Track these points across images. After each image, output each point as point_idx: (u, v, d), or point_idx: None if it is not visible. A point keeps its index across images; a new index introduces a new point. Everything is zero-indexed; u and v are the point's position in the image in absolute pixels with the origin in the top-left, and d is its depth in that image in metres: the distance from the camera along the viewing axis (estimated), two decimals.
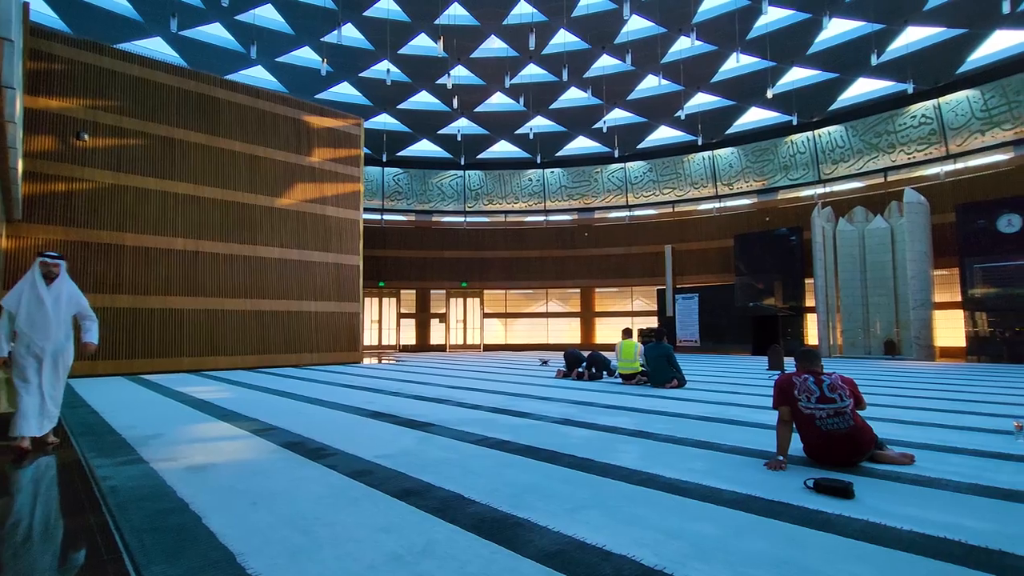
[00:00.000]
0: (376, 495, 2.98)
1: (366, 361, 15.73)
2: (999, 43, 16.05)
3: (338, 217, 14.87)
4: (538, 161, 23.23)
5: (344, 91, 20.91)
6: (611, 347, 12.01)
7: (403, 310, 23.79)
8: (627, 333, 9.63)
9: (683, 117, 20.36)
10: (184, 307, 11.98)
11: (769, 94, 17.15)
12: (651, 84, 20.02)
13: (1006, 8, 12.53)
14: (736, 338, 19.55)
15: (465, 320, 24.19)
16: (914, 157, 18.10)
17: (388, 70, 15.15)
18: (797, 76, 18.58)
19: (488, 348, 23.78)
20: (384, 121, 22.27)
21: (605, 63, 19.34)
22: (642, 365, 8.88)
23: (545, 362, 13.84)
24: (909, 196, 16.33)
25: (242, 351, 12.79)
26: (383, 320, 23.47)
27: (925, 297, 15.96)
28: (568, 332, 23.74)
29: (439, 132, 22.80)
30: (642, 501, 2.90)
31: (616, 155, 21.89)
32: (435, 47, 16.09)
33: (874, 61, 15.73)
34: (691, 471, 3.49)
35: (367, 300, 22.40)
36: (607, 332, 23.33)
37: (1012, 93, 15.90)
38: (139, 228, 11.48)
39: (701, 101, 20.38)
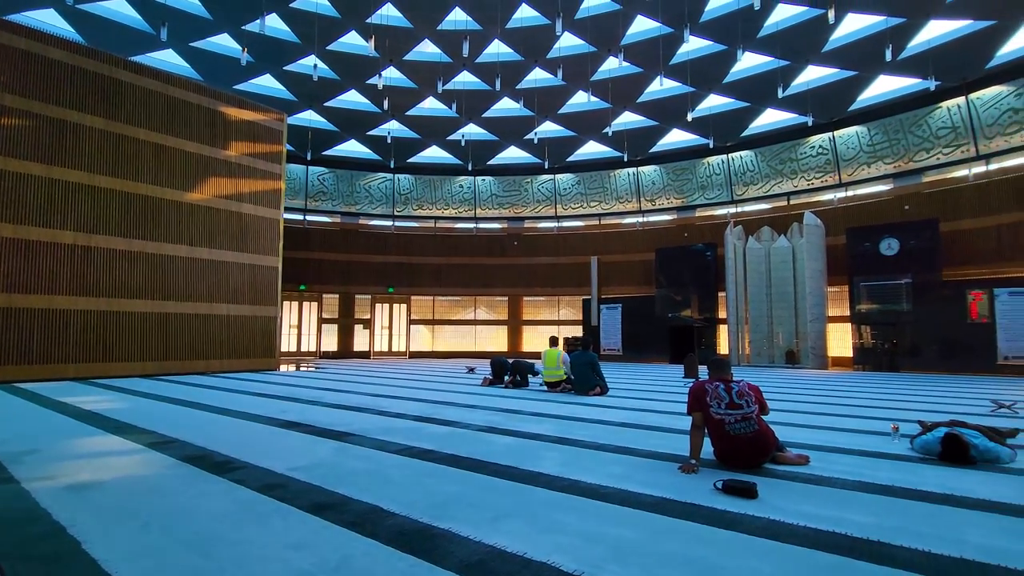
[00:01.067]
0: (287, 510, 2.80)
1: (283, 368, 14.94)
2: (884, 86, 18.08)
3: (256, 215, 14.06)
4: (469, 168, 23.24)
5: (267, 83, 19.91)
6: (538, 355, 12.20)
7: (325, 315, 22.86)
8: (554, 341, 9.79)
9: (610, 134, 21.16)
10: (72, 307, 10.80)
11: (689, 117, 18.23)
12: (581, 100, 20.67)
13: (888, 56, 14.12)
14: (655, 347, 20.46)
15: (391, 326, 23.63)
16: (812, 183, 19.88)
17: (315, 65, 14.60)
18: (714, 103, 19.90)
19: (414, 355, 23.36)
20: (309, 118, 21.42)
21: (538, 76, 19.74)
22: (566, 373, 9.04)
23: (471, 369, 13.78)
24: (808, 219, 17.91)
25: (140, 357, 11.72)
26: (303, 325, 22.42)
27: (820, 311, 17.50)
28: (495, 340, 23.82)
29: (368, 133, 22.24)
30: (563, 507, 2.93)
31: (546, 166, 22.34)
32: (366, 46, 15.73)
33: (780, 94, 17.17)
34: (611, 476, 3.58)
35: (286, 304, 21.32)
36: (534, 340, 23.64)
37: (892, 132, 17.90)
38: (19, 218, 10.25)
39: (627, 119, 21.29)
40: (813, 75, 17.85)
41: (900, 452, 4.38)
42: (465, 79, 19.92)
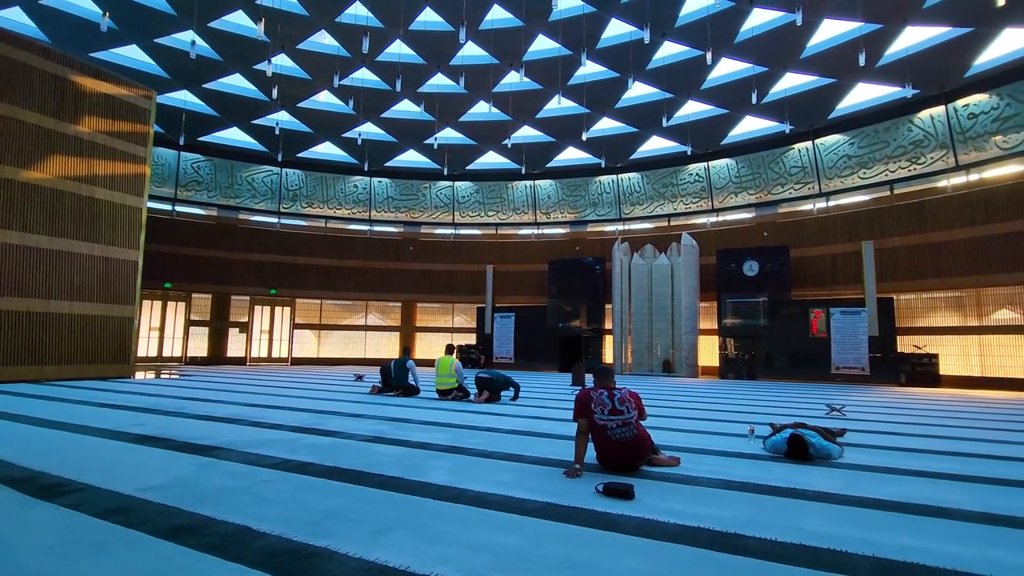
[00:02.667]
0: (134, 537, 2.46)
1: (140, 375, 13.27)
2: (750, 125, 20.31)
3: (111, 202, 12.41)
4: (366, 169, 22.37)
5: (133, 55, 17.72)
6: (431, 362, 11.98)
7: (195, 317, 20.70)
8: (450, 349, 9.70)
9: (509, 146, 21.59)
10: None
11: (584, 137, 19.16)
12: (483, 109, 20.88)
13: (754, 99, 15.98)
14: (546, 356, 21.10)
15: (272, 331, 22.00)
16: (690, 207, 21.80)
17: (194, 42, 13.24)
18: (607, 125, 21.11)
19: (298, 362, 21.92)
20: (185, 99, 19.39)
21: (440, 81, 19.65)
22: (458, 381, 8.99)
23: (360, 377, 13.22)
24: (685, 240, 19.57)
25: None
26: (167, 328, 20.10)
27: (693, 325, 19.15)
28: (387, 346, 23.09)
29: (253, 122, 20.65)
30: (450, 517, 2.88)
31: (445, 173, 22.26)
32: (255, 28, 14.63)
33: (664, 123, 18.67)
34: (499, 484, 3.59)
35: (146, 303, 19.01)
36: (427, 347, 23.29)
37: (755, 166, 20.20)
38: None
39: (527, 134, 21.88)
40: (693, 109, 19.62)
41: (755, 452, 4.88)
42: (364, 76, 19.28)
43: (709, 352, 19.81)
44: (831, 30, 16.02)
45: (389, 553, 2.32)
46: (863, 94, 17.51)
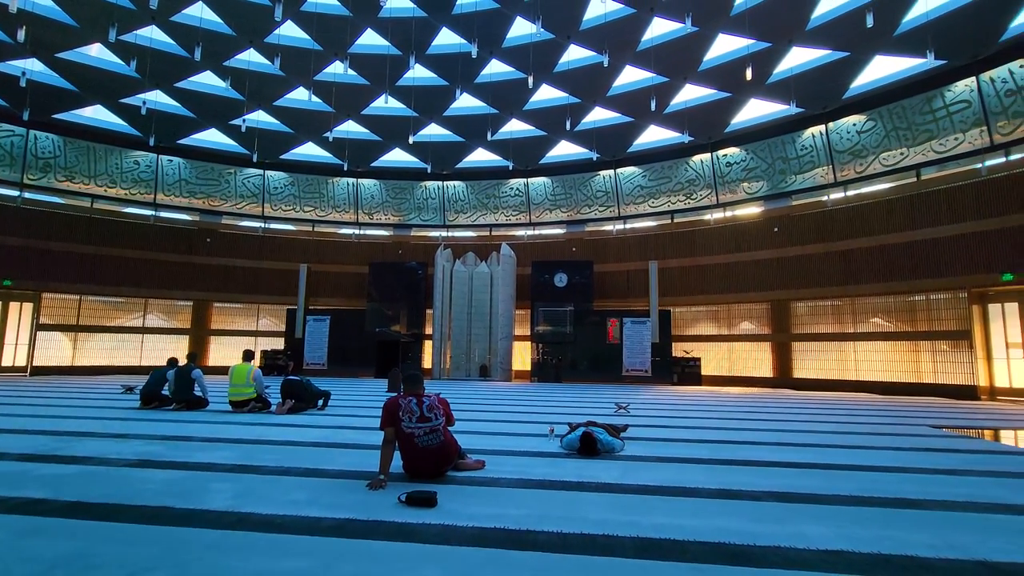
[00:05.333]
0: None
1: None
2: (564, 149, 22.24)
3: None
4: (152, 144, 18.89)
5: None
6: (225, 370, 10.56)
7: None
8: (248, 355, 8.68)
9: (331, 139, 20.37)
10: None
11: (410, 140, 18.95)
12: (302, 96, 19.34)
13: (568, 125, 17.59)
14: (362, 361, 20.26)
15: (3, 333, 17.36)
16: (510, 219, 23.01)
17: None
18: (436, 131, 21.19)
19: (42, 372, 17.59)
20: None
21: (255, 58, 17.67)
22: (257, 391, 8.11)
23: (130, 389, 11.09)
24: (504, 250, 20.59)
25: None
26: None
27: (509, 331, 20.19)
28: (173, 352, 19.80)
29: None
30: (229, 547, 2.54)
31: (255, 159, 19.98)
32: None
33: (489, 137, 19.45)
34: (293, 503, 3.30)
35: None
36: (224, 353, 20.64)
37: (568, 187, 22.20)
38: None
39: (351, 128, 20.87)
40: (516, 127, 20.81)
41: (554, 450, 5.28)
42: (154, 34, 16.46)
43: (522, 357, 21.08)
44: (631, 75, 18.40)
45: None
46: (654, 135, 20.44)
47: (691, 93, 18.07)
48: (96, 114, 19.27)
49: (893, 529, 2.95)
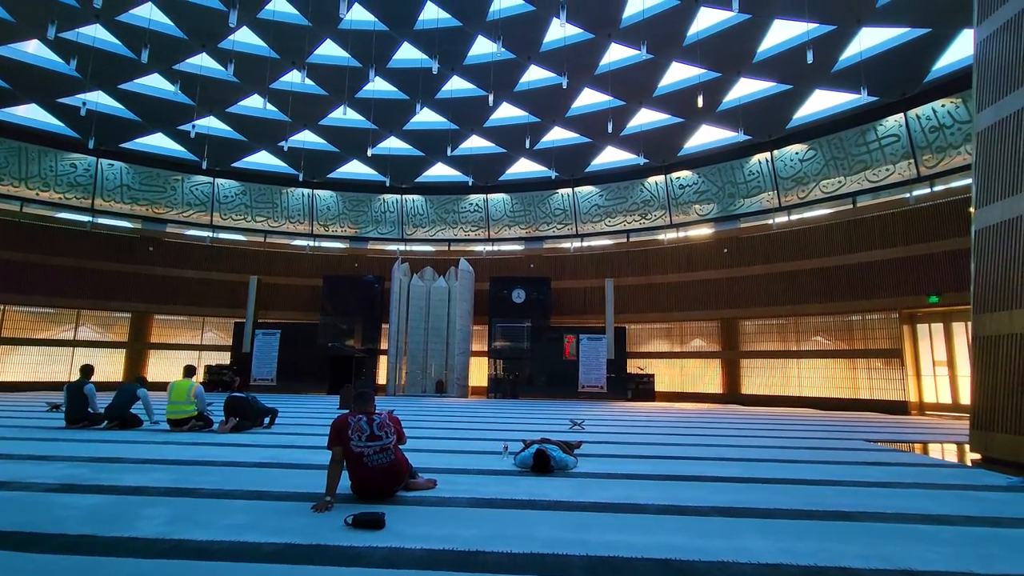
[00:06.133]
0: None
1: None
2: (525, 167, 22.53)
3: None
4: (91, 147, 17.91)
5: None
6: (165, 386, 9.97)
7: None
8: (189, 371, 8.26)
9: (286, 149, 19.92)
10: None
11: (369, 152, 18.76)
12: (256, 104, 18.89)
13: (528, 144, 17.83)
14: (314, 377, 19.60)
15: None
16: (469, 235, 23.00)
17: None
18: (394, 145, 21.05)
19: None
20: None
21: (203, 62, 17.11)
22: (199, 408, 7.72)
23: (56, 407, 10.34)
24: (463, 265, 20.53)
25: None
26: None
27: (466, 346, 20.05)
28: (108, 367, 18.64)
29: None
30: None
31: (204, 167, 19.23)
32: None
33: (449, 152, 19.49)
34: (231, 528, 3.13)
35: None
36: (164, 368, 19.58)
37: (527, 203, 22.44)
38: None
39: (307, 139, 20.47)
40: (476, 143, 20.92)
41: (507, 468, 5.24)
42: (98, 33, 15.74)
43: (479, 373, 20.94)
44: (589, 97, 18.90)
45: None
46: (611, 156, 20.98)
47: (646, 117, 18.70)
48: (31, 113, 18.19)
49: (830, 542, 3.07)
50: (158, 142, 20.10)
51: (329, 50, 17.45)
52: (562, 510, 3.69)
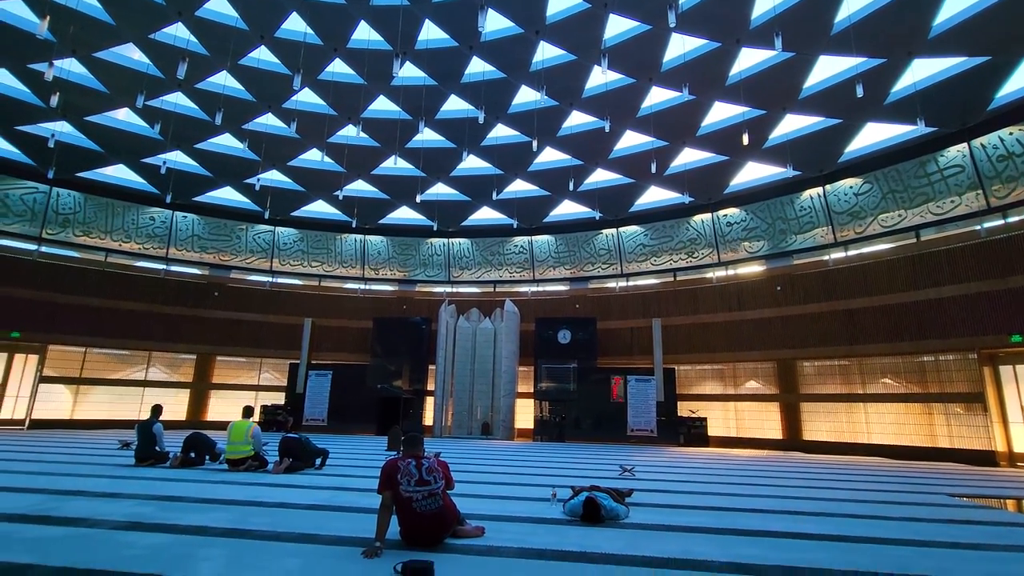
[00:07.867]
0: None
1: None
2: (568, 208, 22.77)
3: None
4: (168, 201, 19.59)
5: None
6: (224, 424, 10.39)
7: None
8: (248, 412, 8.59)
9: (341, 197, 20.97)
10: None
11: (418, 199, 19.54)
12: (315, 157, 20.12)
13: (571, 186, 18.04)
14: (363, 418, 19.88)
15: (5, 384, 17.28)
16: (514, 276, 23.24)
17: None
18: (442, 191, 21.85)
19: (41, 425, 17.36)
20: None
21: (270, 121, 18.52)
22: (255, 449, 7.97)
23: (127, 445, 10.92)
24: (508, 306, 20.66)
25: None
26: None
27: (511, 388, 19.93)
28: (174, 406, 19.61)
29: (17, 127, 17.00)
30: None
31: (266, 216, 20.49)
32: (35, 21, 12.29)
33: (495, 196, 20.01)
34: (284, 572, 3.18)
35: None
36: (224, 407, 20.38)
37: (571, 244, 22.56)
38: None
39: (361, 188, 21.52)
40: (520, 187, 21.39)
41: (556, 516, 5.10)
42: (178, 100, 17.34)
43: (526, 414, 20.67)
44: (632, 139, 19.09)
45: None
46: (656, 195, 20.94)
47: (690, 156, 18.64)
48: (118, 173, 20.01)
49: None
50: (226, 195, 21.62)
51: (382, 105, 18.48)
52: (614, 563, 3.54)
